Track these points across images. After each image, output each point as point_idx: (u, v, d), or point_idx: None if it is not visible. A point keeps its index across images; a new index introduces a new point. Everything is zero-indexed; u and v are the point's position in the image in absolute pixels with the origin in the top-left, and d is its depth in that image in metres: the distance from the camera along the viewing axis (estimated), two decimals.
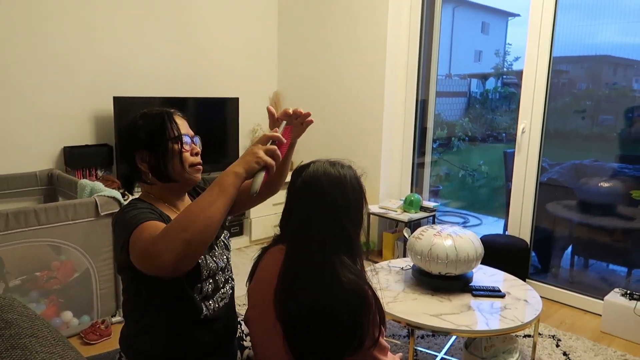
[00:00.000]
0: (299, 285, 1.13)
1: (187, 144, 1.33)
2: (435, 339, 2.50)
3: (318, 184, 1.17)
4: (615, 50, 3.09)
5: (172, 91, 3.71)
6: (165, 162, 1.30)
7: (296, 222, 1.18)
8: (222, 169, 3.95)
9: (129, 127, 1.34)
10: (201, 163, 1.37)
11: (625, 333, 2.58)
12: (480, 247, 2.15)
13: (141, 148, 1.31)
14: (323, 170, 1.19)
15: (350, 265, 1.14)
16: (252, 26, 4.19)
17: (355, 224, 1.19)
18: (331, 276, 1.11)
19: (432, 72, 3.75)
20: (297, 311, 1.11)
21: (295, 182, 1.22)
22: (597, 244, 3.23)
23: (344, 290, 1.09)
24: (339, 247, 1.15)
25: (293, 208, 1.20)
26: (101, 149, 3.29)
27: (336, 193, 1.16)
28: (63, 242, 2.39)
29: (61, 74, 3.19)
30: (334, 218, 1.15)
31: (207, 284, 1.33)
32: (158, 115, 1.33)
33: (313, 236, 1.15)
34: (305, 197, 1.18)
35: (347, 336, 1.10)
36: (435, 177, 4.49)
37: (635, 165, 2.97)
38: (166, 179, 1.32)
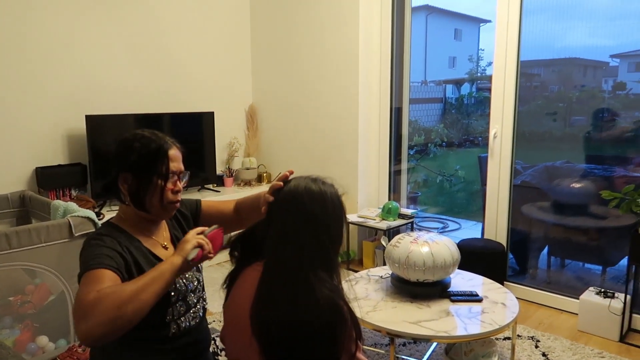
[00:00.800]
0: (275, 300, 1.13)
1: (172, 181, 1.35)
2: (417, 346, 2.51)
3: (299, 200, 1.17)
4: (583, 53, 3.17)
5: (147, 107, 3.69)
6: (145, 193, 1.32)
7: (274, 237, 1.18)
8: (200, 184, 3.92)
9: (124, 143, 1.34)
10: (179, 201, 1.39)
11: (602, 331, 2.63)
12: (456, 252, 2.18)
13: (127, 170, 1.32)
14: (304, 186, 1.19)
15: (327, 281, 1.14)
16: (225, 40, 4.20)
17: (334, 240, 1.19)
18: (307, 292, 1.11)
19: (405, 80, 3.80)
20: (273, 326, 1.11)
21: (275, 197, 1.22)
22: (572, 244, 3.29)
23: (319, 306, 1.09)
24: (316, 263, 1.14)
25: (272, 222, 1.20)
26: (74, 169, 3.24)
27: (316, 209, 1.16)
28: (37, 265, 2.34)
29: (31, 93, 3.14)
30: (313, 234, 1.15)
31: (177, 306, 1.35)
32: (155, 144, 1.33)
33: (291, 251, 1.14)
34: (285, 212, 1.18)
35: (323, 352, 1.10)
36: (413, 183, 4.54)
37: (604, 166, 3.05)
38: (140, 208, 1.33)
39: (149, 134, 1.36)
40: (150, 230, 1.39)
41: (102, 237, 1.26)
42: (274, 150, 4.36)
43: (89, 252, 1.21)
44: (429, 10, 5.72)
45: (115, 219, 1.38)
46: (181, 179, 1.39)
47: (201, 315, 1.45)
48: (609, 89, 3.19)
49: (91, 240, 1.26)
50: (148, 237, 1.38)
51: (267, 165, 4.40)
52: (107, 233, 1.29)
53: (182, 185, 1.39)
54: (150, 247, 1.36)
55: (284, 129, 4.25)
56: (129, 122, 3.44)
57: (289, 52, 4.08)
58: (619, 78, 3.10)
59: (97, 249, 1.21)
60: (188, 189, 3.89)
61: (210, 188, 4.01)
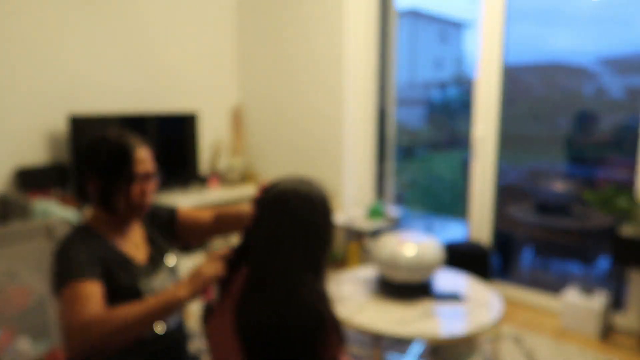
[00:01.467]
0: (259, 300, 1.12)
1: (139, 184, 1.33)
2: (402, 346, 2.51)
3: (286, 202, 1.16)
4: (566, 56, 3.21)
5: (130, 106, 3.65)
6: (111, 196, 1.32)
7: (261, 238, 1.17)
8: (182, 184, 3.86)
9: (89, 146, 1.34)
10: (147, 204, 1.37)
11: (583, 329, 2.66)
12: (441, 252, 2.18)
13: (93, 174, 1.32)
14: (292, 188, 1.17)
15: (311, 285, 1.13)
16: (211, 40, 4.17)
17: (321, 243, 1.18)
18: (290, 295, 1.10)
19: (390, 81, 3.81)
20: (255, 329, 1.10)
21: (263, 198, 1.20)
22: (554, 244, 3.33)
23: (300, 311, 1.09)
24: (302, 266, 1.13)
25: (259, 224, 1.19)
26: (55, 169, 3.19)
27: (304, 211, 1.15)
28: (17, 267, 2.30)
29: (11, 90, 3.09)
30: (300, 236, 1.14)
31: None
32: (119, 147, 1.32)
33: (277, 254, 1.14)
34: (272, 214, 1.17)
35: (301, 356, 1.09)
36: (399, 184, 4.55)
37: (586, 167, 3.09)
38: (108, 210, 1.34)
39: (115, 136, 1.34)
40: (122, 230, 1.39)
41: (74, 243, 1.25)
42: (260, 151, 4.35)
43: (65, 258, 1.21)
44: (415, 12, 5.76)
45: (87, 219, 1.37)
46: (150, 180, 1.37)
47: (179, 317, 1.45)
48: (592, 92, 3.24)
49: (63, 247, 1.25)
50: (120, 236, 1.38)
51: (253, 166, 4.38)
52: (78, 239, 1.28)
53: (153, 186, 1.38)
54: (122, 247, 1.36)
55: (269, 129, 4.24)
56: (113, 124, 3.40)
57: (275, 52, 4.07)
58: (600, 82, 3.15)
59: (74, 258, 1.21)
60: (173, 189, 3.86)
61: (194, 188, 3.98)
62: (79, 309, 1.11)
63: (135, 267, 1.35)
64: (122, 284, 1.29)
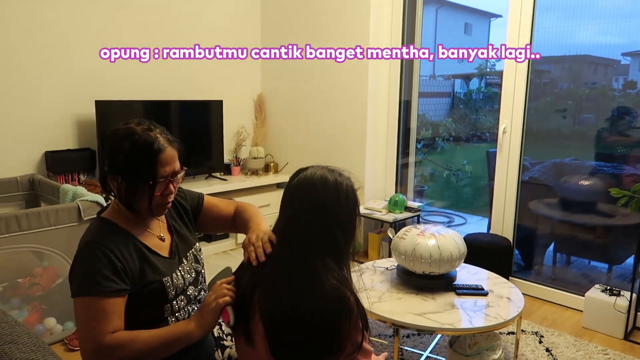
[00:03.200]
0: (282, 285, 1.13)
1: (162, 187, 1.29)
2: (421, 338, 2.52)
3: (312, 187, 1.17)
4: (594, 50, 3.14)
5: (155, 94, 3.69)
6: (133, 197, 1.28)
7: (284, 221, 1.19)
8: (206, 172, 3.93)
9: (112, 142, 1.28)
10: (169, 202, 1.35)
11: (606, 328, 2.63)
12: (463, 246, 2.18)
13: (115, 172, 1.28)
14: (320, 175, 1.18)
15: (335, 270, 1.14)
16: (235, 28, 4.19)
17: (345, 232, 1.19)
18: (313, 280, 1.11)
19: (415, 73, 3.78)
20: (279, 312, 1.12)
21: (290, 183, 1.22)
22: (578, 241, 3.28)
23: (325, 295, 1.10)
24: (324, 252, 1.14)
25: (284, 209, 1.21)
26: (83, 154, 3.26)
27: (328, 198, 1.16)
28: (45, 247, 2.36)
29: (41, 78, 3.15)
30: (322, 221, 1.15)
31: (177, 301, 1.36)
32: (145, 147, 1.25)
33: (298, 237, 1.15)
34: (297, 198, 1.18)
35: (325, 341, 1.10)
36: (420, 177, 4.53)
37: (614, 164, 3.03)
38: (129, 209, 1.31)
39: (141, 131, 1.27)
40: (144, 223, 1.37)
41: (98, 246, 1.22)
42: (282, 140, 4.37)
43: (87, 268, 1.20)
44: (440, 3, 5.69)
45: (110, 211, 1.35)
46: (175, 181, 1.33)
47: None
48: (620, 87, 3.17)
49: (88, 248, 1.23)
50: (142, 229, 1.35)
51: (275, 155, 4.41)
52: (101, 238, 1.25)
53: (173, 188, 1.33)
54: (145, 241, 1.34)
55: (291, 119, 4.25)
56: (138, 109, 3.45)
57: (299, 41, 4.06)
58: (629, 76, 3.08)
59: (96, 265, 1.19)
60: (195, 176, 3.91)
61: (217, 177, 4.02)
62: (100, 325, 1.15)
63: (160, 262, 1.34)
64: (147, 280, 1.29)
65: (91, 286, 1.17)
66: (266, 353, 1.13)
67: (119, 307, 1.20)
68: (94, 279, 1.18)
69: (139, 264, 1.28)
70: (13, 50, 3.02)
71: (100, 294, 1.17)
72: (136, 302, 1.26)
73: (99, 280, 1.18)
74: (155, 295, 1.30)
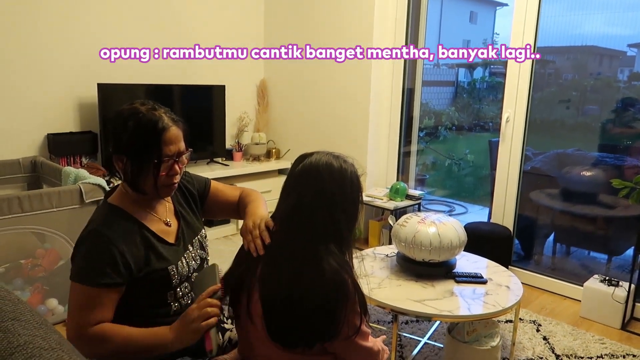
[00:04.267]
0: (282, 267, 1.14)
1: (167, 166, 1.28)
2: (419, 325, 2.54)
3: (317, 173, 1.17)
4: (600, 41, 3.12)
5: (158, 78, 3.68)
6: (138, 177, 1.27)
7: (288, 206, 1.19)
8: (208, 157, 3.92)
9: (116, 122, 1.27)
10: (175, 183, 1.33)
11: (604, 318, 2.65)
12: (463, 234, 2.18)
13: (120, 152, 1.27)
14: (325, 161, 1.19)
15: (336, 254, 1.15)
16: (238, 13, 4.16)
17: (348, 218, 1.20)
18: (313, 263, 1.12)
19: (418, 61, 3.76)
20: (277, 294, 1.13)
21: (295, 168, 1.22)
22: (578, 232, 3.29)
23: (324, 279, 1.11)
24: (327, 237, 1.15)
25: (288, 194, 1.21)
26: (85, 136, 3.26)
27: (333, 185, 1.17)
28: (47, 229, 2.38)
29: (44, 60, 3.14)
30: (326, 208, 1.16)
31: (181, 288, 1.36)
32: (149, 127, 1.24)
33: (302, 222, 1.16)
34: (302, 184, 1.18)
35: (322, 324, 1.11)
36: (422, 165, 4.53)
37: (616, 155, 3.03)
38: (135, 190, 1.30)
39: (145, 110, 1.26)
40: (151, 206, 1.36)
41: (102, 237, 1.22)
42: (284, 126, 4.36)
43: (87, 257, 1.21)
44: None
45: (117, 195, 1.34)
46: (180, 161, 1.31)
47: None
48: (625, 78, 3.15)
49: (92, 237, 1.23)
50: (148, 214, 1.35)
51: (277, 141, 4.40)
52: (107, 227, 1.24)
53: (178, 168, 1.31)
54: (151, 226, 1.33)
55: (294, 106, 4.24)
56: (140, 93, 3.44)
57: (302, 28, 4.04)
58: (635, 68, 3.06)
59: (95, 257, 1.20)
60: (197, 161, 3.91)
61: (219, 162, 4.02)
62: (86, 315, 1.17)
63: (165, 249, 1.34)
64: (152, 268, 1.29)
65: (87, 275, 1.19)
66: (264, 333, 1.14)
67: (111, 299, 1.21)
68: (91, 269, 1.19)
69: (144, 252, 1.28)
70: (16, 33, 3.00)
71: (94, 284, 1.18)
72: (140, 288, 1.27)
73: (97, 271, 1.19)
74: (159, 282, 1.30)
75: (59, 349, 0.73)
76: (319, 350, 1.16)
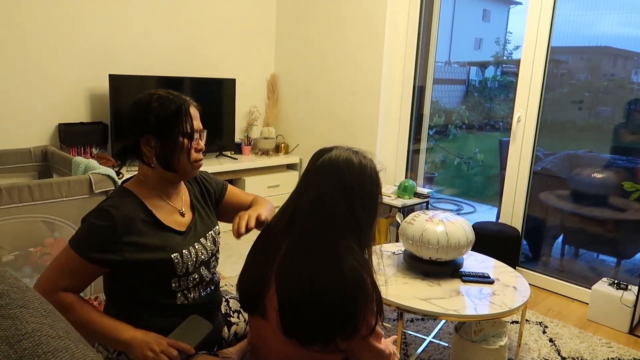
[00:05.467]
0: (301, 263, 1.13)
1: (196, 140, 1.34)
2: (424, 323, 2.53)
3: (338, 168, 1.17)
4: (615, 42, 3.08)
5: (169, 70, 3.69)
6: (172, 154, 1.29)
7: (308, 201, 1.17)
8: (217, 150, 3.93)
9: (141, 105, 1.29)
10: (202, 159, 1.38)
11: (611, 321, 2.63)
12: (471, 233, 2.17)
13: (149, 132, 1.28)
14: (345, 157, 1.19)
15: (356, 252, 1.14)
16: (250, 7, 4.16)
17: (368, 214, 1.19)
18: (333, 260, 1.11)
19: (430, 59, 3.74)
20: (297, 288, 1.12)
21: (314, 163, 1.21)
22: (587, 234, 3.26)
23: (344, 276, 1.10)
24: (347, 233, 1.14)
25: (308, 188, 1.19)
26: (96, 127, 3.27)
27: (354, 180, 1.16)
28: (56, 218, 2.39)
29: (56, 51, 3.16)
30: (347, 203, 1.15)
31: (189, 279, 1.35)
32: (174, 103, 1.29)
33: (322, 217, 1.15)
34: (322, 179, 1.17)
35: (340, 322, 1.10)
36: (431, 164, 4.50)
37: (629, 157, 2.99)
38: (169, 169, 1.31)
39: (165, 93, 1.32)
40: (168, 194, 1.37)
41: (109, 214, 1.23)
42: (293, 121, 4.36)
43: (88, 228, 1.24)
44: None
45: (133, 182, 1.35)
46: (202, 137, 1.38)
47: (212, 288, 1.44)
48: (639, 80, 3.11)
49: (100, 212, 1.25)
50: (165, 202, 1.35)
51: (286, 136, 4.40)
52: (116, 207, 1.25)
53: (203, 143, 1.38)
54: (162, 216, 1.33)
55: (304, 101, 4.23)
56: (151, 84, 3.45)
57: (315, 23, 4.03)
58: None
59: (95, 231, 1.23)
60: (206, 154, 3.91)
61: (227, 155, 4.03)
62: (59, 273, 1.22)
63: (172, 237, 1.33)
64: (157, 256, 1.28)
65: (81, 245, 1.22)
66: (278, 327, 1.14)
67: (91, 274, 1.25)
68: (87, 241, 1.23)
69: (149, 237, 1.28)
70: (29, 24, 3.02)
71: (83, 256, 1.21)
72: (144, 273, 1.28)
73: (90, 245, 1.22)
74: (163, 269, 1.30)
75: (66, 337, 0.74)
76: (332, 348, 1.15)
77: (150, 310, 1.31)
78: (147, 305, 1.31)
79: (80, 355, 0.70)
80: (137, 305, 1.31)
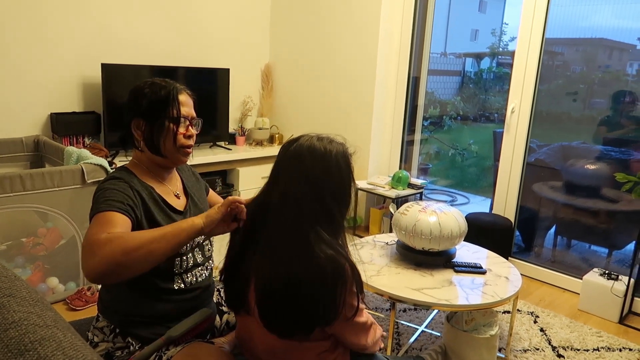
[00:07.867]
0: (276, 257, 1.13)
1: (184, 125, 1.37)
2: (417, 313, 2.55)
3: (300, 158, 1.15)
4: (610, 34, 3.08)
5: (162, 60, 3.66)
6: (158, 137, 1.34)
7: (276, 194, 1.17)
8: (211, 141, 3.93)
9: (135, 90, 1.36)
10: (192, 146, 1.41)
11: (602, 311, 2.65)
12: (464, 224, 2.18)
13: (139, 116, 1.34)
14: (308, 145, 1.16)
15: (329, 240, 1.12)
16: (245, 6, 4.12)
17: (337, 201, 1.17)
18: (307, 250, 1.10)
19: (425, 50, 3.73)
20: (272, 283, 1.12)
21: (283, 154, 1.20)
22: (580, 225, 3.28)
23: (320, 265, 1.09)
24: (317, 223, 1.13)
25: (277, 180, 1.19)
26: (89, 117, 3.25)
27: (317, 169, 1.14)
28: (49, 208, 2.38)
29: (49, 40, 3.13)
30: (313, 193, 1.13)
31: (187, 258, 1.37)
32: (165, 89, 1.35)
33: (292, 210, 1.14)
34: (287, 171, 1.17)
35: (321, 309, 1.11)
36: (425, 155, 4.51)
37: (622, 149, 3.00)
38: (155, 152, 1.36)
39: (159, 80, 1.38)
40: (162, 177, 1.41)
41: (115, 181, 1.28)
42: (288, 112, 4.34)
43: (101, 194, 1.23)
44: None
45: (129, 164, 1.40)
46: (193, 124, 1.41)
47: (207, 274, 1.47)
48: (634, 72, 3.11)
49: (105, 183, 1.28)
50: (160, 184, 1.40)
51: (280, 127, 4.39)
52: (120, 176, 1.30)
53: (194, 131, 1.41)
54: (162, 194, 1.37)
55: (298, 91, 4.22)
56: (144, 73, 3.42)
57: (310, 12, 4.00)
58: None
59: (110, 193, 1.23)
60: (200, 145, 3.90)
61: (221, 146, 4.02)
62: (103, 228, 1.12)
63: (171, 214, 1.36)
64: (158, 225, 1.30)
65: (101, 205, 1.19)
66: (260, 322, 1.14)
67: (124, 222, 1.18)
68: (108, 199, 1.21)
69: (153, 210, 1.31)
70: (21, 12, 2.98)
71: (107, 208, 1.18)
72: None
73: (113, 200, 1.21)
74: None
75: (54, 326, 0.74)
76: (319, 335, 1.16)
77: (147, 294, 1.32)
78: (144, 289, 1.31)
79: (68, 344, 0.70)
80: (134, 289, 1.31)
